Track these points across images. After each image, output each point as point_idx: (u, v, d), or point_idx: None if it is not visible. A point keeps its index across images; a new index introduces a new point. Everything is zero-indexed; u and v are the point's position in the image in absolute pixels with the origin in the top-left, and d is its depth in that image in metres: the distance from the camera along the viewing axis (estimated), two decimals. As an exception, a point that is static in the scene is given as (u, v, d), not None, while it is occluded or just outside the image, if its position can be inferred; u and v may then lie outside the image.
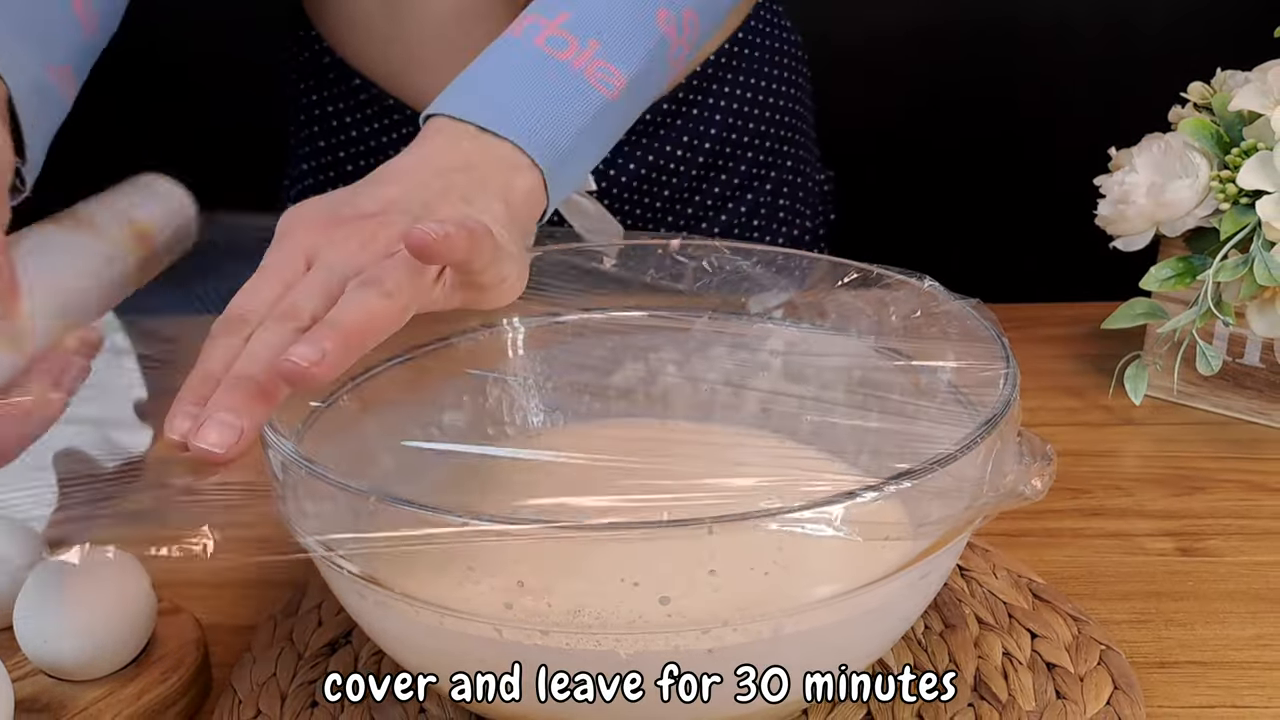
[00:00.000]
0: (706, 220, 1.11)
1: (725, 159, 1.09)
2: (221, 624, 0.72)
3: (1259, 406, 0.94)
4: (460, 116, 0.69)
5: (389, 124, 1.06)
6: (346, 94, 1.07)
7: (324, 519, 0.55)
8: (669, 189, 1.08)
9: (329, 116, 1.09)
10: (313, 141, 1.11)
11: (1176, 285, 0.89)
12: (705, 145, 1.08)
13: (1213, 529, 0.81)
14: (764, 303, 0.74)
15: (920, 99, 1.52)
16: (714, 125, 1.07)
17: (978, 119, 1.51)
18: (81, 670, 0.64)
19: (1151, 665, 0.69)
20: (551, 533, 0.51)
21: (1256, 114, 0.87)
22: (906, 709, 0.64)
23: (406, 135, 1.05)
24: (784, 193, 1.14)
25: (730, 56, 1.07)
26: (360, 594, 0.57)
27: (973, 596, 0.72)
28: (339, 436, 0.67)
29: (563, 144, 0.70)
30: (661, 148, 1.06)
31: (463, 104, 0.70)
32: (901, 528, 0.55)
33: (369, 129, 1.07)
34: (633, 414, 0.76)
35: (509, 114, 0.69)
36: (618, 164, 1.05)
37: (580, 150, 0.71)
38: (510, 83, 0.70)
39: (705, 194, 1.10)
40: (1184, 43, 1.45)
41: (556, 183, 0.70)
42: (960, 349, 0.67)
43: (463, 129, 0.68)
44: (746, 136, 1.09)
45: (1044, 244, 1.47)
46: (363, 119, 1.07)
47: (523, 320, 0.75)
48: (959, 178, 1.54)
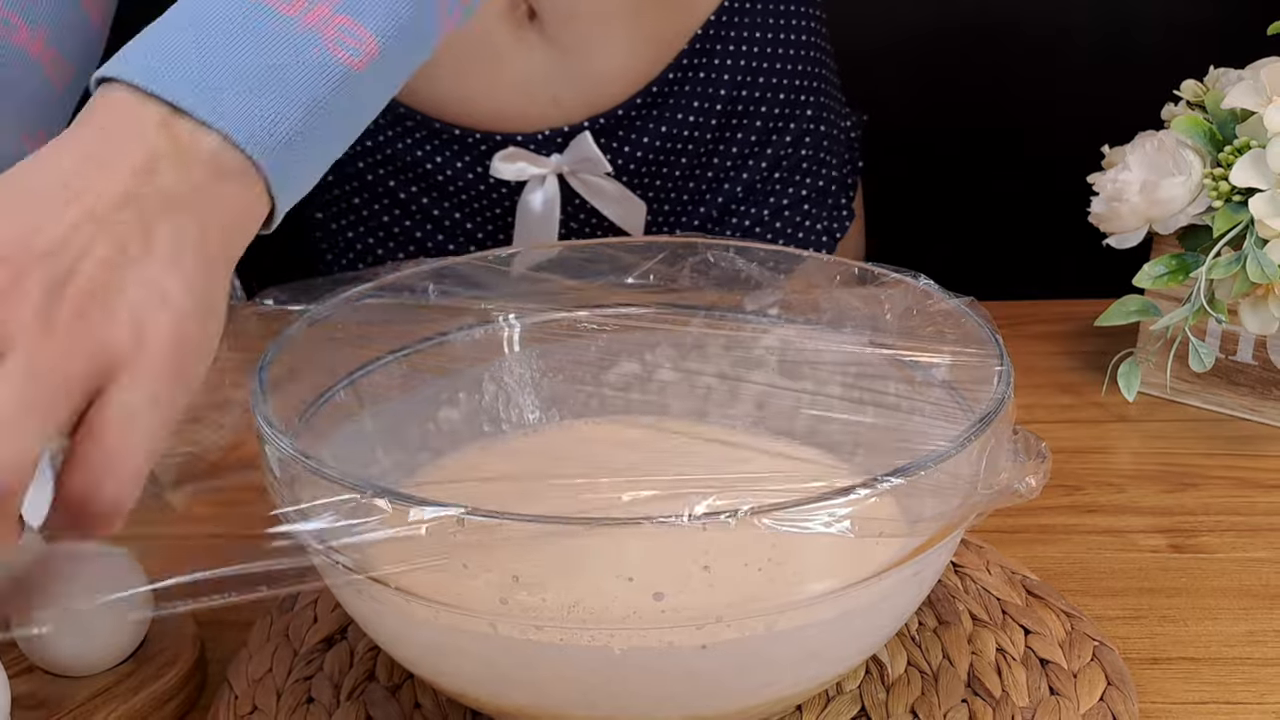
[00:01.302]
0: (728, 180, 1.09)
1: (739, 116, 1.07)
2: (217, 620, 0.72)
3: (1251, 403, 0.95)
4: (145, 87, 0.51)
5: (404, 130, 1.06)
6: None
7: (321, 514, 0.55)
8: (685, 155, 1.07)
9: None
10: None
11: (1169, 282, 0.90)
12: (716, 107, 1.05)
13: (1205, 525, 0.82)
14: (760, 300, 0.74)
15: (914, 98, 1.52)
16: (723, 85, 1.05)
17: (972, 117, 1.51)
18: (78, 666, 0.64)
19: (1144, 661, 0.69)
20: (546, 528, 0.51)
21: (1249, 112, 0.88)
22: (900, 705, 0.64)
23: (422, 139, 1.06)
24: (806, 143, 1.11)
25: (732, 13, 1.04)
26: (356, 590, 0.57)
27: (966, 593, 0.72)
28: (335, 433, 0.68)
29: (286, 131, 0.53)
30: (672, 116, 1.05)
31: (149, 69, 0.52)
32: (896, 524, 0.55)
33: (384, 137, 1.07)
34: (629, 411, 0.77)
35: (213, 90, 0.51)
36: (630, 139, 1.04)
37: (314, 137, 0.54)
38: (214, 44, 0.53)
39: (724, 155, 1.08)
40: (1177, 41, 1.45)
41: (283, 183, 0.54)
42: (955, 346, 0.67)
43: (148, 114, 0.51)
44: (758, 91, 1.07)
45: (1037, 241, 1.47)
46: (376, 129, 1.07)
47: (519, 317, 0.75)
48: (953, 175, 1.54)
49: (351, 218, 1.14)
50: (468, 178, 1.06)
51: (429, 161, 1.07)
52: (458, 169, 1.06)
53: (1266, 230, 0.84)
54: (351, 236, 1.14)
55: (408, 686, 0.66)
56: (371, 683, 0.66)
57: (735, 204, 1.10)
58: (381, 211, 1.12)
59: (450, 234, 1.11)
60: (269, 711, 0.65)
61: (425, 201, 1.10)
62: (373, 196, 1.11)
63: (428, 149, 1.06)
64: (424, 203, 1.10)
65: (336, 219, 1.14)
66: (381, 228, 1.13)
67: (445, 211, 1.10)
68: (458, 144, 1.05)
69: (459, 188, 1.08)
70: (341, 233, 1.14)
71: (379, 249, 1.13)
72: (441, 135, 1.05)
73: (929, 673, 0.66)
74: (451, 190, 1.08)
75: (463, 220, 1.10)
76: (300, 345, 0.66)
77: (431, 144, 1.06)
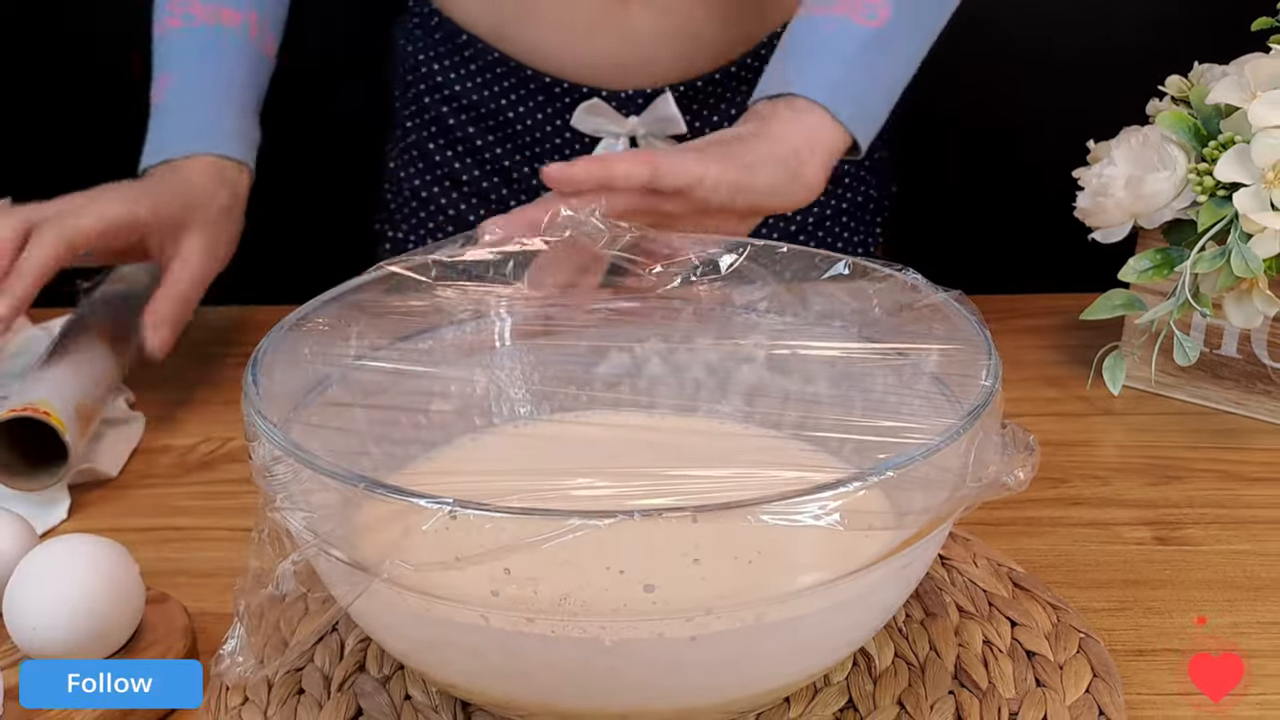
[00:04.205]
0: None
1: None
2: (209, 611, 0.72)
3: (1236, 397, 0.95)
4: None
5: (492, 77, 1.11)
6: (452, 51, 1.12)
7: (313, 507, 0.55)
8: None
9: (434, 74, 1.14)
10: (418, 100, 1.16)
11: (1154, 276, 0.90)
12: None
13: (1190, 518, 0.82)
14: (749, 295, 0.74)
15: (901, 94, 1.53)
16: None
17: (958, 113, 1.51)
18: (70, 657, 0.64)
19: (1130, 653, 0.70)
20: (537, 521, 0.52)
21: (1234, 107, 0.88)
22: (887, 696, 0.65)
23: (508, 88, 1.10)
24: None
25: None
26: (348, 581, 0.57)
27: (953, 585, 0.72)
28: (327, 426, 0.68)
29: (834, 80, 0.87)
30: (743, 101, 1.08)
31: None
32: (884, 517, 0.56)
33: (473, 83, 1.12)
34: (618, 405, 0.77)
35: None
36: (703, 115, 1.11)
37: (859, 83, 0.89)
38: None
39: None
40: (1162, 36, 1.46)
41: (852, 116, 0.87)
42: (943, 340, 0.67)
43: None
44: None
45: (1024, 236, 1.47)
46: (466, 74, 1.12)
47: (509, 311, 0.75)
48: (939, 171, 1.55)
49: (421, 165, 1.17)
50: (546, 129, 1.11)
51: (512, 110, 1.11)
52: (538, 119, 1.11)
53: (1251, 225, 0.85)
54: (418, 185, 1.17)
55: (398, 678, 0.66)
56: (362, 674, 0.67)
57: None
58: (454, 158, 1.16)
59: (517, 189, 1.15)
60: (260, 703, 0.65)
61: (499, 151, 1.14)
62: (448, 143, 1.16)
63: (513, 97, 1.11)
64: (497, 152, 1.14)
65: (406, 166, 1.18)
66: (449, 176, 1.16)
67: (516, 164, 1.14)
68: (544, 94, 1.09)
69: (536, 139, 1.12)
70: (409, 180, 1.18)
71: (443, 198, 1.17)
72: (530, 84, 1.09)
73: (916, 664, 0.67)
74: (529, 141, 1.12)
75: (531, 175, 1.13)
76: (291, 339, 0.66)
77: (518, 92, 1.10)
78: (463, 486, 0.67)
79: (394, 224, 1.21)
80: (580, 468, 0.63)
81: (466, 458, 0.73)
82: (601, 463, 0.66)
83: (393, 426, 0.72)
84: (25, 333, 1.03)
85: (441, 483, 0.69)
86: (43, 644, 0.64)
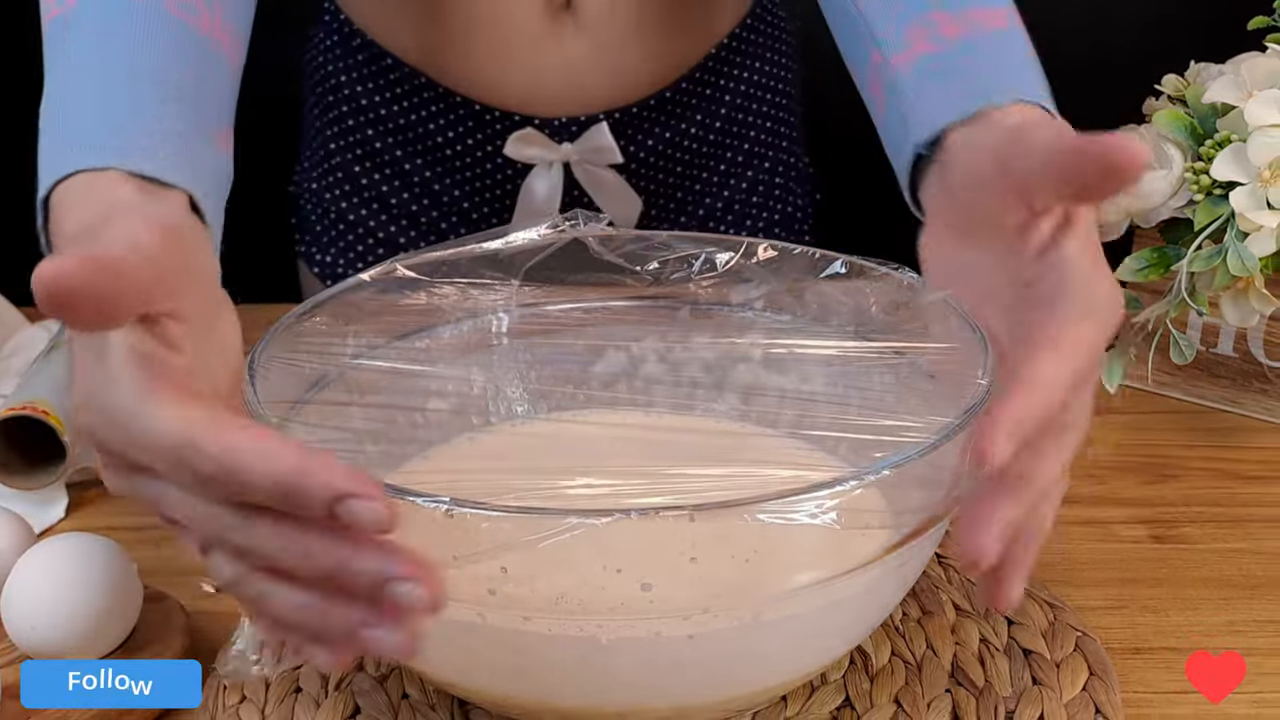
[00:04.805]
0: (711, 195, 1.16)
1: (732, 138, 1.15)
2: (206, 610, 0.72)
3: (1232, 395, 0.95)
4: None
5: (420, 102, 1.08)
6: (376, 74, 1.10)
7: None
8: (682, 165, 1.13)
9: (358, 96, 1.11)
10: (340, 122, 1.13)
11: (1151, 275, 0.90)
12: (716, 124, 1.13)
13: (1186, 516, 0.82)
14: (745, 294, 0.74)
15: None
16: (724, 106, 1.13)
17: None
18: (68, 656, 0.65)
19: (1126, 651, 0.70)
20: (534, 520, 0.52)
21: (1230, 106, 0.88)
22: (884, 695, 0.65)
23: (437, 113, 1.08)
24: (779, 171, 1.19)
25: (740, 41, 1.12)
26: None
27: (950, 583, 0.73)
28: (324, 425, 0.68)
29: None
30: (678, 125, 1.10)
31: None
32: (881, 516, 0.56)
33: (399, 107, 1.09)
34: (615, 404, 0.77)
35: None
36: (638, 138, 1.09)
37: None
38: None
39: (713, 170, 1.15)
40: (1158, 35, 1.46)
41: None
42: (939, 339, 0.67)
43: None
44: (751, 117, 1.16)
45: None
46: (393, 97, 1.09)
47: (506, 310, 0.75)
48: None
49: (347, 187, 1.15)
50: (477, 155, 1.09)
51: (441, 135, 1.09)
52: (468, 145, 1.09)
53: (1247, 224, 0.85)
54: (345, 207, 1.15)
55: (395, 677, 0.66)
56: (359, 673, 0.67)
57: (715, 220, 1.17)
58: (382, 181, 1.13)
59: (447, 212, 1.13)
60: (257, 702, 0.65)
61: (429, 175, 1.12)
62: (374, 166, 1.13)
63: (442, 123, 1.08)
64: (427, 176, 1.12)
65: (331, 188, 1.15)
66: (378, 199, 1.14)
67: (446, 188, 1.12)
68: (474, 120, 1.07)
69: (466, 164, 1.10)
70: (335, 203, 1.15)
71: (371, 221, 1.14)
72: (459, 110, 1.07)
73: (912, 663, 0.67)
74: (459, 166, 1.10)
75: (462, 199, 1.11)
76: (289, 338, 0.66)
77: (447, 118, 1.08)
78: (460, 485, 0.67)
79: (321, 247, 1.17)
80: (577, 466, 0.63)
81: (464, 456, 0.73)
82: (598, 461, 0.66)
83: (390, 425, 0.72)
84: (24, 332, 1.03)
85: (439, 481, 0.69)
86: (40, 642, 0.64)
